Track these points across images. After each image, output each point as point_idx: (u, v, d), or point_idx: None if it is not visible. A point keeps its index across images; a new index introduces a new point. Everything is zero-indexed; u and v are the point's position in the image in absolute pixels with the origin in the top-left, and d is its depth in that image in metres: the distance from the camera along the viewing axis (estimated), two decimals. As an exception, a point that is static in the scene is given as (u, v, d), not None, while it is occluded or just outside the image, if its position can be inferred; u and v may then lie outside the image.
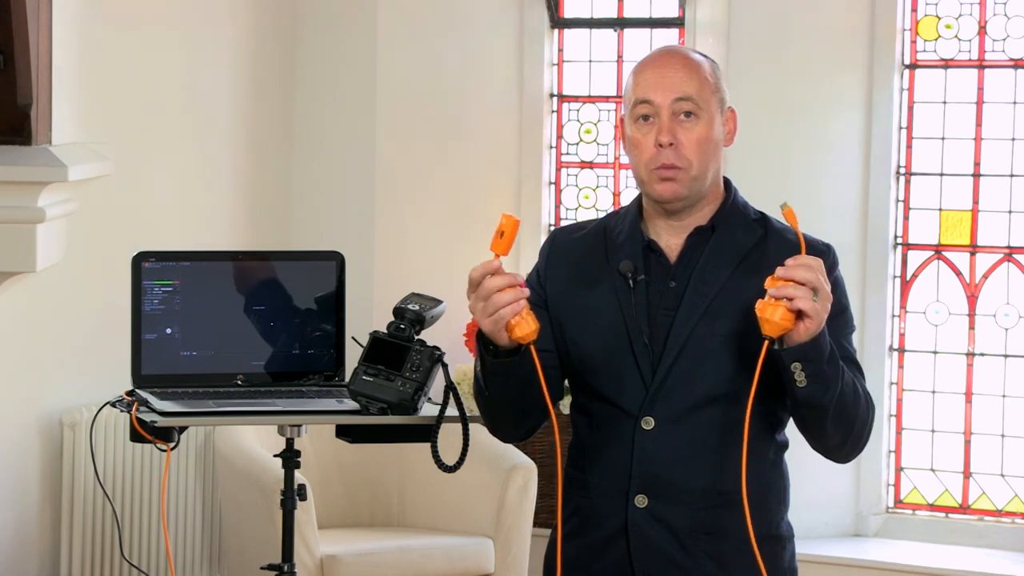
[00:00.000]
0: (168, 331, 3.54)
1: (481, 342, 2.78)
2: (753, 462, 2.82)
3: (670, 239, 2.86)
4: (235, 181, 5.67)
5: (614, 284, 2.84)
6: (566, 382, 2.95)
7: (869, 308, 5.69)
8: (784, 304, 2.63)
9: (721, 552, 2.80)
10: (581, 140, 6.16)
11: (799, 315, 2.63)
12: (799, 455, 2.98)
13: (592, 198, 6.14)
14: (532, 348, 2.71)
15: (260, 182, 5.81)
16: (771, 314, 2.64)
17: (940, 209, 5.75)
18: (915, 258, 5.77)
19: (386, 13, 5.90)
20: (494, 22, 6.07)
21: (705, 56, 2.88)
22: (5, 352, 4.62)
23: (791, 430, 2.88)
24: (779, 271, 2.64)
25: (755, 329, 2.70)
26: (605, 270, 2.87)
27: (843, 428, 2.78)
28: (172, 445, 3.36)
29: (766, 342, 2.65)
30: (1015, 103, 5.65)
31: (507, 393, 2.80)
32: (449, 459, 3.29)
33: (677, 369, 2.78)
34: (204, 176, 5.51)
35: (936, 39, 5.73)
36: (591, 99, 6.13)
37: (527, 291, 2.71)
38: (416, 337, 3.37)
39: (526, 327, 2.70)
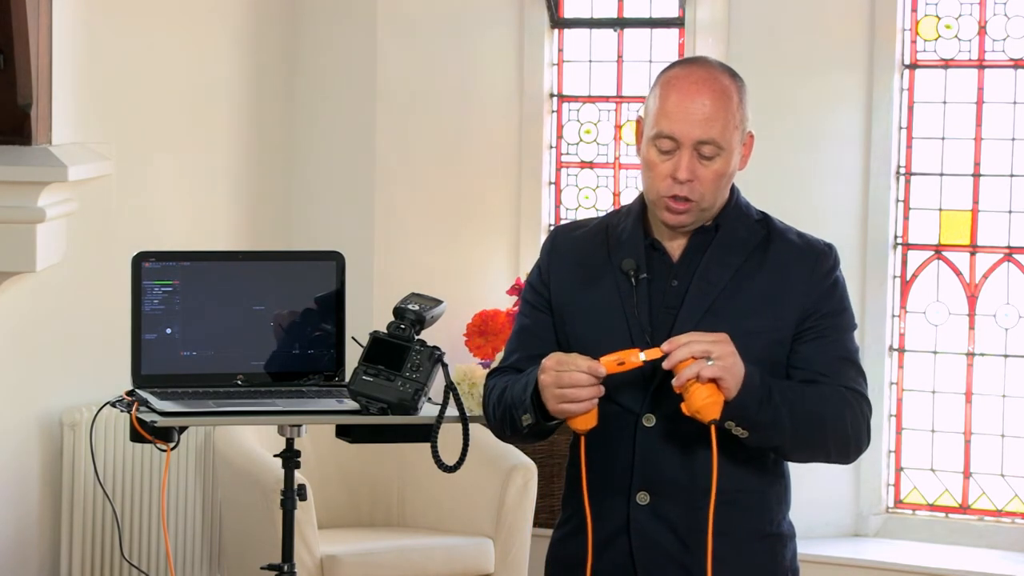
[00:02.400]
0: (168, 331, 3.54)
1: (535, 400, 2.78)
2: (754, 461, 2.84)
3: (673, 238, 2.86)
4: (235, 181, 5.67)
5: (616, 282, 2.84)
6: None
7: (869, 308, 5.69)
8: (697, 384, 2.65)
9: (722, 550, 2.79)
10: (581, 140, 6.15)
11: (716, 382, 2.66)
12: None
13: (592, 198, 6.14)
14: (583, 438, 2.78)
15: (260, 182, 5.81)
16: (697, 401, 2.67)
17: (940, 209, 5.75)
18: (915, 258, 5.77)
19: (386, 13, 5.90)
20: (494, 22, 6.07)
21: (733, 77, 2.84)
22: (5, 352, 4.62)
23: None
24: (666, 363, 2.66)
25: (758, 330, 2.72)
26: (608, 268, 2.87)
27: (815, 452, 2.83)
28: (172, 445, 3.36)
29: (712, 426, 2.68)
30: (1015, 103, 5.65)
31: (538, 439, 2.88)
32: (449, 459, 3.29)
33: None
34: (204, 176, 5.51)
35: (936, 39, 5.73)
36: (591, 99, 6.13)
37: (602, 391, 2.72)
38: (416, 337, 3.37)
39: (587, 422, 2.75)
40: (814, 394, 2.79)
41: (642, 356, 2.70)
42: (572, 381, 2.70)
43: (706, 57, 2.93)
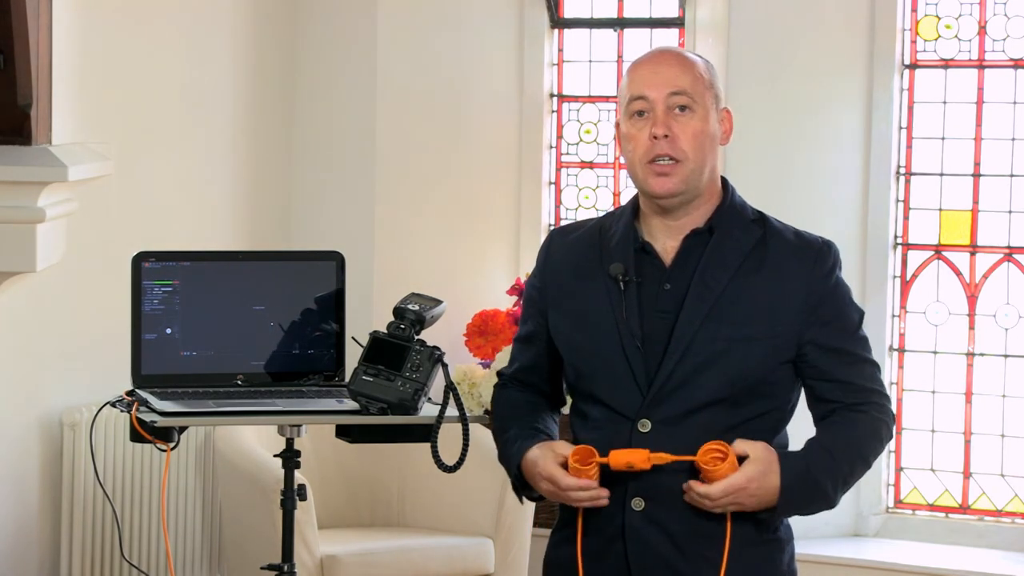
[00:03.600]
0: (168, 331, 3.54)
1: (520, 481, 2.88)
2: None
3: (666, 241, 2.85)
4: (235, 181, 5.67)
5: (607, 286, 2.84)
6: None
7: (869, 308, 5.66)
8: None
9: (719, 556, 2.79)
10: (581, 140, 6.16)
11: None
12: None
13: (592, 198, 6.14)
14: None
15: (260, 182, 5.81)
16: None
17: (940, 209, 5.75)
18: (915, 258, 5.77)
19: (386, 13, 5.90)
20: (494, 22, 6.07)
21: (699, 56, 2.88)
22: (5, 352, 4.62)
23: (791, 431, 2.88)
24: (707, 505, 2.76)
25: (758, 335, 2.72)
26: (599, 272, 2.86)
27: (860, 476, 2.90)
28: (172, 445, 3.36)
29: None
30: (1015, 103, 5.65)
31: None
32: (449, 459, 3.29)
33: (678, 373, 2.78)
34: (204, 176, 5.51)
35: (936, 39, 5.73)
36: (591, 99, 6.13)
37: (605, 497, 2.78)
38: (416, 337, 3.37)
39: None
40: (849, 438, 2.83)
41: (646, 459, 2.75)
42: (569, 492, 2.79)
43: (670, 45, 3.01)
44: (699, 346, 2.77)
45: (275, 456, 3.66)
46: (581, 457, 2.76)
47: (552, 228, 6.05)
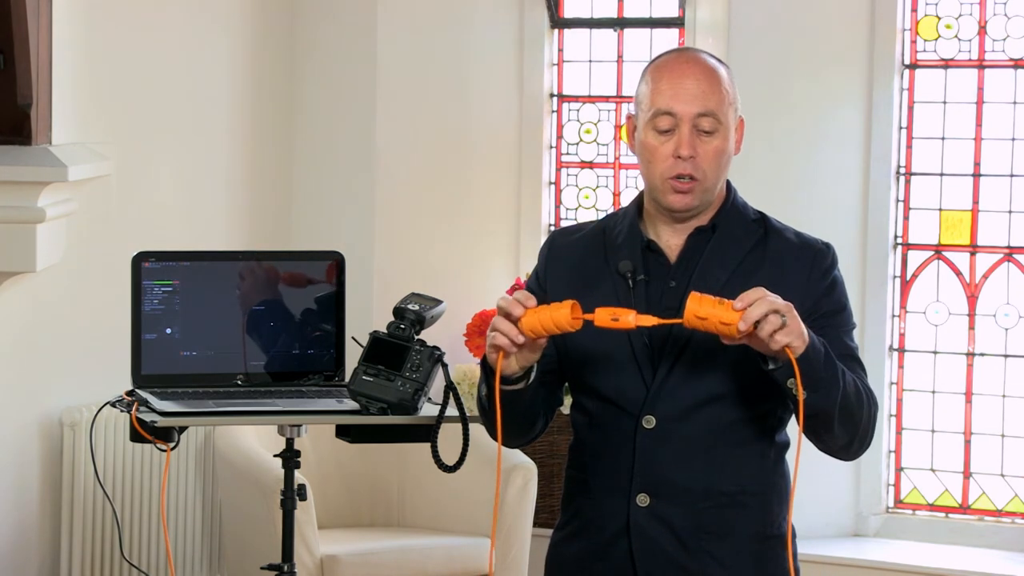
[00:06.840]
0: (168, 331, 3.54)
1: (485, 371, 2.76)
2: (754, 462, 2.84)
3: (670, 239, 2.86)
4: (235, 181, 5.67)
5: (614, 284, 2.84)
6: (565, 385, 2.96)
7: (869, 308, 5.69)
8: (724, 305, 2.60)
9: (723, 552, 2.80)
10: (581, 140, 6.16)
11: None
12: (800, 455, 2.97)
13: (592, 198, 6.14)
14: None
15: (260, 182, 5.81)
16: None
17: (940, 209, 5.75)
18: (915, 258, 5.77)
19: (386, 13, 5.90)
20: (494, 22, 6.07)
21: (721, 62, 2.86)
22: (5, 352, 4.62)
23: (791, 430, 2.88)
24: (743, 322, 2.58)
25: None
26: (605, 271, 2.87)
27: (849, 428, 2.77)
28: (172, 445, 3.36)
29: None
30: (1015, 103, 5.65)
31: (511, 416, 2.78)
32: (449, 459, 3.29)
33: (679, 368, 2.78)
34: (204, 176, 5.51)
35: (936, 39, 5.73)
36: (591, 99, 6.13)
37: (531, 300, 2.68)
38: (416, 337, 3.37)
39: (531, 317, 2.65)
40: (853, 379, 2.76)
41: (631, 318, 2.63)
42: (496, 326, 2.68)
43: (694, 49, 2.95)
44: (697, 341, 2.78)
45: (275, 456, 3.67)
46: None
47: (552, 228, 6.05)
